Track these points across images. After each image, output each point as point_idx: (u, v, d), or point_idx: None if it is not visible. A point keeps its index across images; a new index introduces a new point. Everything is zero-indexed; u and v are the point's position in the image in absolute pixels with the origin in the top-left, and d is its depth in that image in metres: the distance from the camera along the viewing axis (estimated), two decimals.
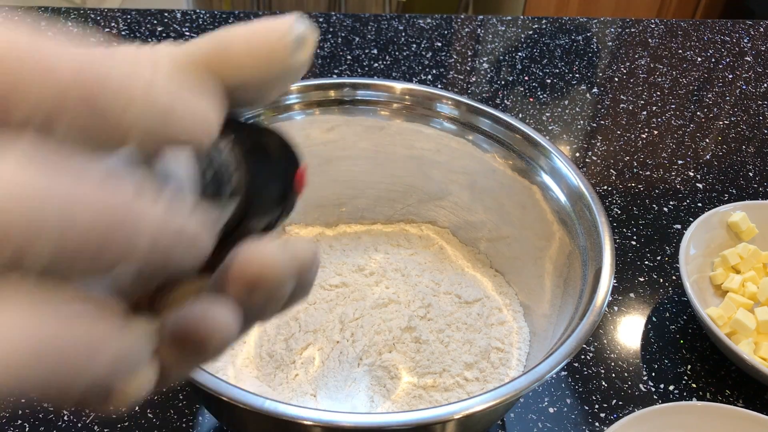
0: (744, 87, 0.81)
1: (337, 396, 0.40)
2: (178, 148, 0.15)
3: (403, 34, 0.85)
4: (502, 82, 0.78)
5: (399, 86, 0.47)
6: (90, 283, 0.14)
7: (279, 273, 0.16)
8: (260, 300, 0.16)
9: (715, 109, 0.76)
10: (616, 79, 0.80)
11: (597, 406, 0.45)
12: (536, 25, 0.90)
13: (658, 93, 0.78)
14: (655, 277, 0.55)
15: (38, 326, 0.12)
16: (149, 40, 0.79)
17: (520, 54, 0.84)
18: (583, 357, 0.48)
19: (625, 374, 0.47)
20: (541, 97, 0.76)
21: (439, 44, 0.84)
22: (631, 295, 0.53)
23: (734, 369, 0.48)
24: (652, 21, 0.93)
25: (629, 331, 0.50)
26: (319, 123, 0.48)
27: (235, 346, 0.43)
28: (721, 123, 0.74)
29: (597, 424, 0.44)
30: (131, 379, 0.15)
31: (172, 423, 0.42)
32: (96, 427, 0.41)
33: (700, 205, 0.62)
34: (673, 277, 0.55)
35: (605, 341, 0.49)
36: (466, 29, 0.88)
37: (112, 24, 0.82)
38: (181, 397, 0.43)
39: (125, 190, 0.13)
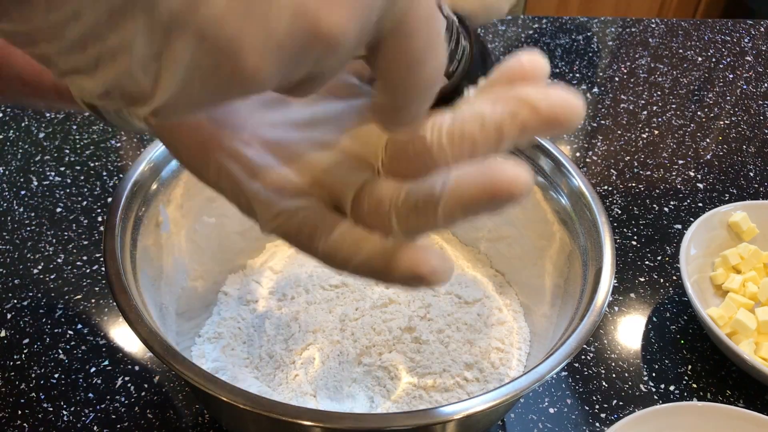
0: (744, 87, 0.81)
1: (337, 396, 0.40)
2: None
3: None
4: None
5: None
6: None
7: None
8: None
9: (716, 109, 0.76)
10: (617, 79, 0.80)
11: (597, 407, 0.45)
12: (536, 25, 0.90)
13: (659, 93, 0.78)
14: (656, 277, 0.55)
15: None
16: None
17: None
18: (583, 357, 0.48)
19: (626, 374, 0.47)
20: None
21: None
22: (632, 295, 0.53)
23: (735, 369, 0.48)
24: (653, 21, 0.93)
25: (630, 331, 0.50)
26: None
27: (236, 347, 0.43)
28: (721, 123, 0.74)
29: (597, 424, 0.44)
30: None
31: (172, 423, 0.42)
32: (96, 427, 0.41)
33: (700, 205, 0.62)
34: (674, 277, 0.55)
35: (606, 341, 0.49)
36: None
37: None
38: (180, 397, 0.43)
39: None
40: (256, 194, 0.22)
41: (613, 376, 0.47)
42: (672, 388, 0.46)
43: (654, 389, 0.46)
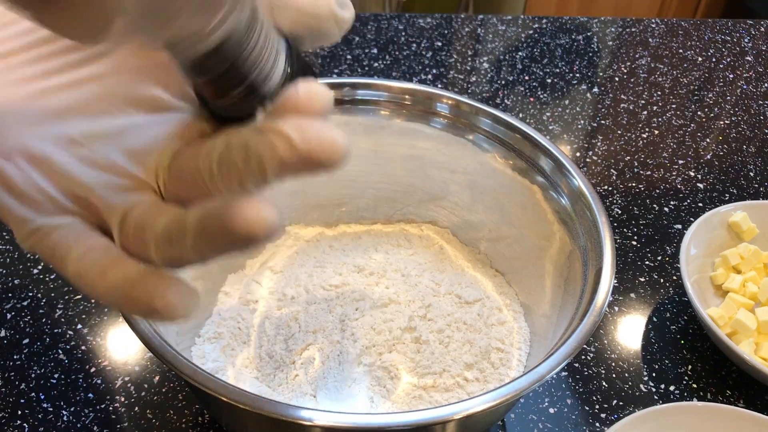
0: (745, 87, 0.81)
1: (337, 396, 0.40)
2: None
3: (403, 33, 0.85)
4: (503, 82, 0.78)
5: (399, 86, 0.47)
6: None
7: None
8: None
9: (716, 109, 0.76)
10: (617, 79, 0.80)
11: (597, 407, 0.45)
12: (536, 25, 0.90)
13: (659, 93, 0.78)
14: (656, 277, 0.55)
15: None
16: None
17: (520, 53, 0.84)
18: (583, 357, 0.48)
19: (626, 374, 0.47)
20: (541, 96, 0.76)
21: (439, 44, 0.84)
22: (632, 295, 0.53)
23: (735, 369, 0.48)
24: (653, 20, 0.93)
25: (630, 331, 0.50)
26: None
27: (236, 347, 0.43)
28: (721, 123, 0.74)
29: (597, 424, 0.44)
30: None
31: (172, 423, 0.42)
32: (95, 428, 0.41)
33: (700, 205, 0.62)
34: (674, 277, 0.55)
35: (606, 341, 0.49)
36: (467, 29, 0.88)
37: None
38: (180, 397, 0.43)
39: None
40: (10, 209, 0.21)
41: (613, 376, 0.47)
42: (672, 388, 0.46)
43: (654, 389, 0.46)
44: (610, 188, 0.63)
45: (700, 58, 0.85)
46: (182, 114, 0.23)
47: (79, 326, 0.47)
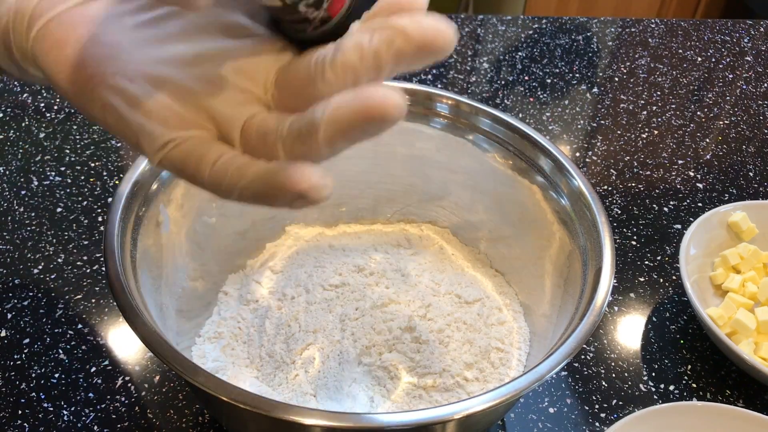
0: (744, 87, 0.81)
1: (337, 396, 0.40)
2: None
3: None
4: (502, 82, 0.78)
5: (399, 86, 0.47)
6: None
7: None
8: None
9: (716, 109, 0.76)
10: (617, 79, 0.80)
11: (597, 407, 0.45)
12: (536, 25, 0.90)
13: (659, 93, 0.78)
14: (656, 277, 0.55)
15: None
16: None
17: (520, 54, 0.84)
18: (583, 357, 0.48)
19: (626, 374, 0.47)
20: (541, 96, 0.76)
21: None
22: (632, 295, 0.53)
23: (734, 369, 0.48)
24: (653, 21, 0.93)
25: (629, 331, 0.50)
26: None
27: (236, 347, 0.43)
28: (721, 123, 0.74)
29: (597, 424, 0.44)
30: None
31: (172, 423, 0.42)
32: (96, 427, 0.41)
33: (700, 205, 0.62)
34: (674, 277, 0.55)
35: (605, 341, 0.49)
36: (466, 29, 0.88)
37: None
38: (180, 397, 0.43)
39: None
40: (141, 126, 0.23)
41: (613, 375, 0.47)
42: (672, 388, 0.46)
43: (654, 389, 0.46)
44: (609, 188, 0.63)
45: (699, 58, 0.85)
46: (267, 38, 0.25)
47: (80, 326, 0.47)
